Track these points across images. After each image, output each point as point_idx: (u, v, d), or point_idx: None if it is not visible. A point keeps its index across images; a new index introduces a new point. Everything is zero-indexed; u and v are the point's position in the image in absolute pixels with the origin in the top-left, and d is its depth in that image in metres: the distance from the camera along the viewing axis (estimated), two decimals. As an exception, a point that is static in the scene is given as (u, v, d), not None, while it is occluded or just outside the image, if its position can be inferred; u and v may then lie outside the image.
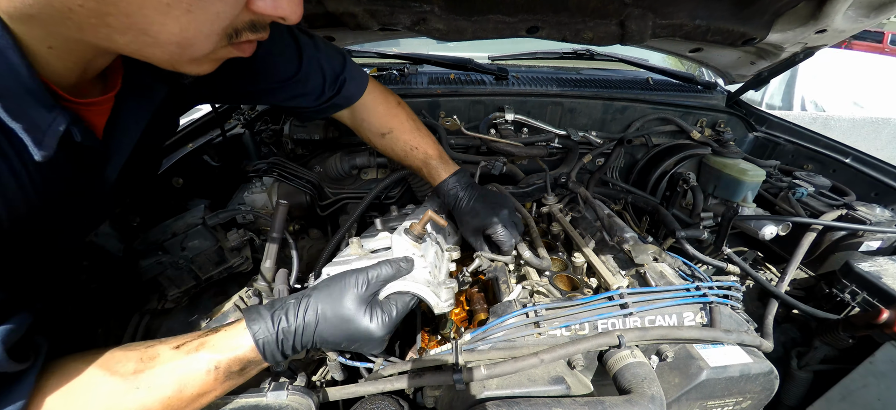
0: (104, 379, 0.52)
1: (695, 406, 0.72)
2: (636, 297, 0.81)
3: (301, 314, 0.62)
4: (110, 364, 0.54)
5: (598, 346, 0.72)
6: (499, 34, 1.18)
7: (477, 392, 0.68)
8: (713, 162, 1.41)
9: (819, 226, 1.14)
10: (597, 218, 1.13)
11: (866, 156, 1.43)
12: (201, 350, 0.58)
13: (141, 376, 0.54)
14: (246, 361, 0.60)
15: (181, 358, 0.57)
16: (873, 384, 0.89)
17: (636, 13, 1.12)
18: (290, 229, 1.13)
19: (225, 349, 0.59)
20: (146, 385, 0.53)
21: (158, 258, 0.89)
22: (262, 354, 0.60)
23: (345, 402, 0.74)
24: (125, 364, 0.54)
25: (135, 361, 0.55)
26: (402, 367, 0.72)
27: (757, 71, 1.49)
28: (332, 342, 0.64)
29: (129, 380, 0.53)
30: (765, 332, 1.00)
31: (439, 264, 0.84)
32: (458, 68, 1.69)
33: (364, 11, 1.07)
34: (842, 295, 1.07)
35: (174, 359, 0.57)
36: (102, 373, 0.53)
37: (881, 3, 1.03)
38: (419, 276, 0.72)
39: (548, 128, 1.49)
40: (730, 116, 1.65)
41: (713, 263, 1.08)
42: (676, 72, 1.91)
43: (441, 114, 1.46)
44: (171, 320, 0.90)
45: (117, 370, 0.53)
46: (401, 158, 1.03)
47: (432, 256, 0.80)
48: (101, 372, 0.53)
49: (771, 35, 1.21)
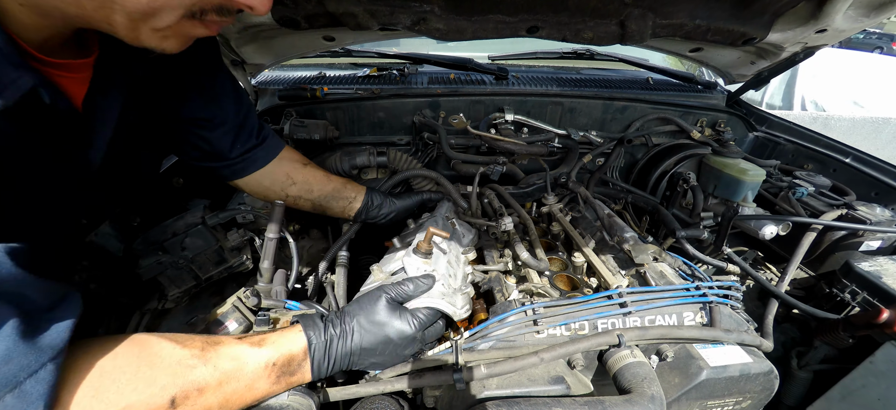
0: (174, 349, 0.55)
1: (695, 405, 0.72)
2: (636, 297, 0.81)
3: (347, 325, 0.67)
4: (181, 339, 0.57)
5: (598, 345, 0.72)
6: (499, 34, 1.17)
7: (477, 391, 0.68)
8: (713, 161, 1.41)
9: (819, 226, 1.14)
10: (597, 218, 1.13)
11: (866, 155, 1.43)
12: (262, 346, 0.61)
13: (208, 353, 0.57)
14: (296, 364, 0.62)
15: (243, 347, 0.60)
16: (873, 384, 0.89)
17: (636, 13, 1.12)
18: (291, 229, 1.13)
19: (282, 346, 0.62)
20: (212, 362, 0.56)
21: (158, 258, 0.89)
22: (311, 360, 0.63)
23: (345, 402, 0.74)
24: (194, 341, 0.58)
25: (201, 342, 0.58)
26: (402, 367, 0.72)
27: (757, 71, 1.49)
28: (369, 349, 0.67)
29: (197, 356, 0.56)
30: (765, 332, 1.00)
31: (454, 271, 0.85)
32: (458, 68, 1.69)
33: (364, 11, 1.07)
34: (842, 294, 1.07)
35: (237, 346, 0.60)
36: (173, 344, 0.55)
37: (881, 2, 1.03)
38: (434, 291, 0.75)
39: (548, 128, 1.49)
40: (730, 116, 1.65)
41: (713, 263, 1.08)
42: (676, 71, 1.91)
43: (441, 114, 1.46)
44: (171, 320, 0.90)
45: (187, 343, 0.57)
46: (319, 208, 1.06)
47: (443, 268, 0.82)
48: (171, 344, 0.55)
49: (771, 35, 1.21)
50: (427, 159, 1.43)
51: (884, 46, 12.24)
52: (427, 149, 1.43)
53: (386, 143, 1.45)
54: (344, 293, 0.93)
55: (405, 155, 1.38)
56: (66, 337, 0.45)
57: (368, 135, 1.47)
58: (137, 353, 0.52)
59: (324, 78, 1.66)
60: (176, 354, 0.54)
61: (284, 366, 0.61)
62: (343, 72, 1.71)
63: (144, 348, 0.53)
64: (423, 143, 1.43)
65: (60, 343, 0.44)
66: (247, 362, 0.59)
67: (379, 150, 1.34)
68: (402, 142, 1.47)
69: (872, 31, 12.91)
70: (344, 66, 1.78)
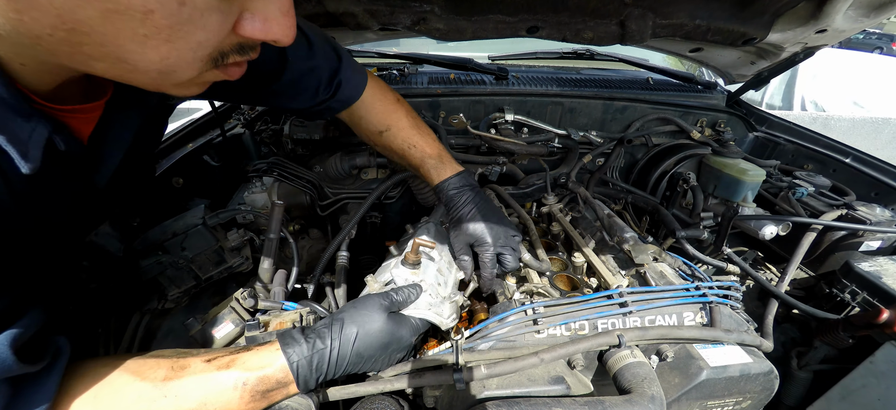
0: (133, 383, 0.53)
1: (695, 405, 0.72)
2: (636, 297, 0.81)
3: (336, 333, 0.65)
4: (142, 370, 0.55)
5: (598, 346, 0.72)
6: (499, 34, 1.18)
7: (477, 391, 0.68)
8: (713, 162, 1.41)
9: (819, 226, 1.14)
10: (597, 218, 1.13)
11: (866, 155, 1.43)
12: (231, 367, 0.58)
13: (169, 384, 0.54)
14: (274, 382, 0.60)
15: (211, 372, 0.57)
16: (873, 384, 0.89)
17: (636, 13, 1.12)
18: (291, 229, 1.13)
19: (254, 367, 0.59)
20: (173, 393, 0.54)
21: (158, 258, 0.89)
22: (296, 377, 0.60)
23: (345, 402, 0.74)
24: (156, 370, 0.55)
25: (166, 369, 0.56)
26: (402, 367, 0.72)
27: (757, 71, 1.49)
28: (366, 355, 0.66)
29: (158, 387, 0.53)
30: (765, 332, 1.00)
31: (444, 278, 0.86)
32: (458, 68, 1.69)
33: (364, 11, 1.07)
34: (842, 294, 1.07)
35: (204, 372, 0.57)
36: (132, 378, 0.53)
37: (881, 2, 1.03)
38: (421, 301, 0.76)
39: (548, 128, 1.49)
40: (730, 116, 1.65)
41: (713, 263, 1.08)
42: (676, 72, 1.91)
43: (441, 114, 1.46)
44: (171, 320, 0.90)
45: (148, 375, 0.54)
46: (399, 156, 1.00)
47: (432, 277, 0.82)
48: (130, 377, 0.53)
49: (771, 35, 1.21)
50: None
51: (884, 46, 12.25)
52: (427, 149, 1.43)
53: (386, 143, 1.45)
54: (344, 294, 0.93)
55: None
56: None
57: (368, 135, 1.47)
58: (94, 394, 0.51)
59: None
60: (135, 390, 0.52)
61: (258, 387, 0.58)
62: (343, 72, 1.70)
63: (103, 386, 0.52)
64: (423, 143, 1.43)
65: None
66: (213, 386, 0.56)
67: (379, 150, 1.34)
68: (402, 142, 1.47)
69: (872, 31, 12.91)
70: (344, 66, 1.78)
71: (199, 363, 0.58)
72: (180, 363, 0.57)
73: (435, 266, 0.86)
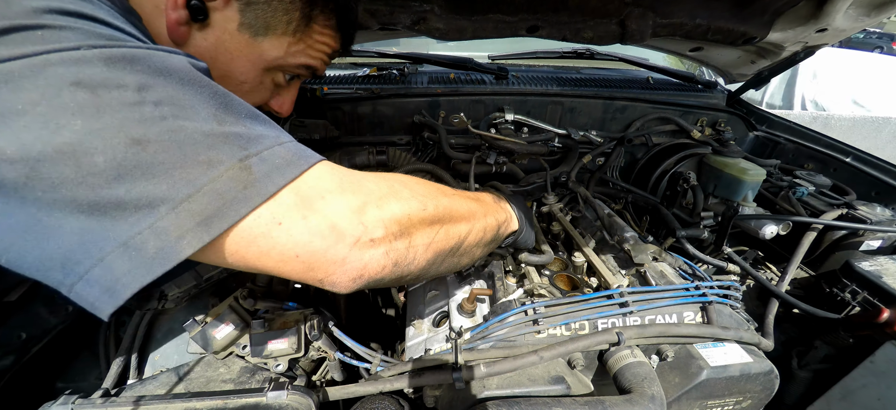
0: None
1: (695, 405, 0.72)
2: (636, 296, 0.81)
3: None
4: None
5: (598, 344, 0.72)
6: (499, 33, 1.17)
7: (477, 391, 0.68)
8: (713, 161, 1.40)
9: (819, 226, 1.14)
10: (597, 218, 1.13)
11: (867, 155, 1.43)
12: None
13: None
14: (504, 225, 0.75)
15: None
16: (873, 384, 0.89)
17: (636, 12, 1.12)
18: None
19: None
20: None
21: (158, 258, 0.88)
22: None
23: (345, 402, 0.74)
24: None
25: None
26: (402, 367, 0.72)
27: (757, 70, 1.49)
28: None
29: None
30: (765, 331, 1.00)
31: None
32: (458, 68, 1.69)
33: (364, 11, 1.07)
34: (842, 294, 1.07)
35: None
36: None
37: (881, 2, 1.03)
38: None
39: (548, 128, 1.48)
40: (730, 115, 1.65)
41: (713, 262, 1.08)
42: (677, 71, 1.91)
43: (441, 114, 1.46)
44: (171, 320, 0.90)
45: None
46: None
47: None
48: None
49: (771, 34, 1.21)
50: (427, 159, 1.43)
51: (884, 46, 12.24)
52: (427, 149, 1.43)
53: (386, 143, 1.45)
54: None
55: (405, 154, 1.37)
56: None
57: (368, 134, 1.47)
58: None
59: (324, 77, 1.66)
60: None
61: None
62: (343, 72, 1.70)
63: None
64: (423, 143, 1.43)
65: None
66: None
67: (379, 150, 1.34)
68: (402, 142, 1.47)
69: (872, 31, 12.91)
70: (344, 66, 1.78)
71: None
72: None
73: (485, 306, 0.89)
